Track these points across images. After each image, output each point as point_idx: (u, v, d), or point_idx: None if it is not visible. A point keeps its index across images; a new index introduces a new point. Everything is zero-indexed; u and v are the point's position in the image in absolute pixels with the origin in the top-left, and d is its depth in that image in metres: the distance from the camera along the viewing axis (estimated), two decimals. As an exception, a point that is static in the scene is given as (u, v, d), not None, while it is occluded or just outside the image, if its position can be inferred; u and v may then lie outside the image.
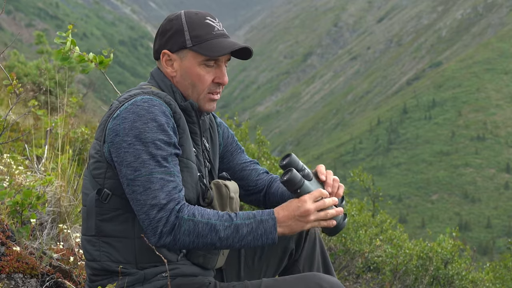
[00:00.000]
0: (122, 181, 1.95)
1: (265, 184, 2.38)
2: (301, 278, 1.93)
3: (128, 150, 1.92)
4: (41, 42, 14.12)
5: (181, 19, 2.08)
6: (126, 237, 2.00)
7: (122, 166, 1.93)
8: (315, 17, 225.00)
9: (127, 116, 1.94)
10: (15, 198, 2.84)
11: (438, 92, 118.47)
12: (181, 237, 1.88)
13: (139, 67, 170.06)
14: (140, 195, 1.90)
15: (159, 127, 1.93)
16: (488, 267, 7.17)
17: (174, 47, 2.08)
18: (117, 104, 2.03)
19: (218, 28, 2.08)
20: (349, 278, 6.13)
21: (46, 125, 4.18)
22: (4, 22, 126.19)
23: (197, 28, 2.06)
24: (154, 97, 1.99)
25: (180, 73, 2.09)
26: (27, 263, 2.50)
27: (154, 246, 1.91)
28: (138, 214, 1.92)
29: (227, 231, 1.89)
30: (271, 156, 7.04)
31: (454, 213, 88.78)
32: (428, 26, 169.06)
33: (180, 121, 2.03)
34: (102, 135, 2.01)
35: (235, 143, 2.39)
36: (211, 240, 1.90)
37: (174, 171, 1.93)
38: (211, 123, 2.28)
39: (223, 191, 2.10)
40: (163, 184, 1.90)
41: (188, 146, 2.05)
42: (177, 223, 1.88)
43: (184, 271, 2.04)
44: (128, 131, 1.92)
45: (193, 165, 2.06)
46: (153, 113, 1.94)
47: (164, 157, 1.92)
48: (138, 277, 2.00)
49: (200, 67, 2.07)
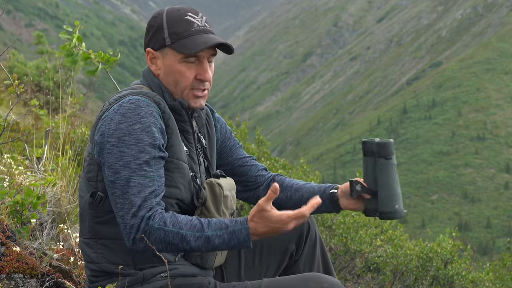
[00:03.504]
0: (105, 182, 1.95)
1: (265, 180, 2.36)
2: (302, 278, 1.92)
3: (111, 152, 1.91)
4: (41, 42, 14.12)
5: (162, 16, 2.06)
6: (122, 239, 1.99)
7: (105, 167, 1.93)
8: (315, 17, 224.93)
9: (113, 117, 1.94)
10: (15, 198, 2.84)
11: (438, 92, 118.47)
12: (154, 243, 1.88)
13: (139, 67, 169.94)
14: (118, 198, 1.90)
15: (144, 129, 1.91)
16: (488, 267, 7.17)
17: (156, 45, 2.06)
18: (107, 106, 2.02)
19: (199, 24, 2.04)
20: (349, 278, 6.13)
21: (47, 125, 4.18)
22: (4, 22, 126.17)
23: (176, 25, 2.03)
24: (142, 98, 1.97)
25: (163, 70, 2.08)
26: (27, 263, 2.50)
27: None
28: (117, 216, 1.92)
29: (197, 242, 1.87)
30: (271, 156, 7.04)
31: (454, 213, 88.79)
32: (428, 26, 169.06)
33: (170, 121, 2.01)
34: (93, 137, 2.01)
35: (232, 139, 2.37)
36: (184, 248, 1.89)
37: (154, 176, 1.92)
38: (208, 119, 2.26)
39: (216, 190, 2.08)
40: (140, 189, 1.89)
41: (178, 147, 2.03)
42: (148, 230, 1.87)
43: (183, 271, 2.04)
44: (112, 132, 1.91)
45: (184, 165, 2.04)
46: (139, 115, 1.92)
47: (146, 160, 1.91)
48: (137, 277, 2.00)
49: (180, 64, 2.04)
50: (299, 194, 2.28)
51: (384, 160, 2.11)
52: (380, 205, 2.13)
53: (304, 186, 2.29)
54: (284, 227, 1.87)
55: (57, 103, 8.34)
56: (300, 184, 2.31)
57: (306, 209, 1.89)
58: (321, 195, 2.24)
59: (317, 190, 2.25)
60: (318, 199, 1.92)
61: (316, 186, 2.28)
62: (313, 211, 2.09)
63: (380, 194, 2.13)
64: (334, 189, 2.24)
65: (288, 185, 2.32)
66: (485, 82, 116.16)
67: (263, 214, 1.86)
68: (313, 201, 1.91)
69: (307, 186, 2.29)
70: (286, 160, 7.42)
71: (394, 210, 2.12)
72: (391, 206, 2.12)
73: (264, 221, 1.86)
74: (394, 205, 2.12)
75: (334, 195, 2.23)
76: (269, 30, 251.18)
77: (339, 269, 6.06)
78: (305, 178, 6.86)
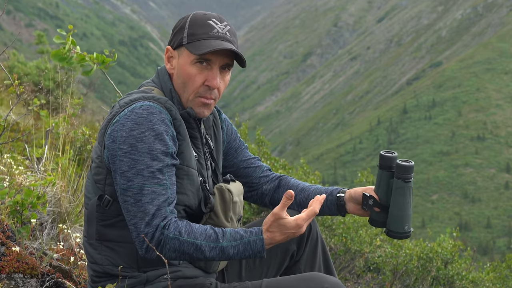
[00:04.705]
0: (116, 188, 1.94)
1: (269, 180, 2.35)
2: (303, 278, 1.92)
3: (123, 159, 1.90)
4: (41, 42, 14.12)
5: (188, 17, 2.07)
6: (127, 242, 1.99)
7: (116, 174, 1.92)
8: (315, 17, 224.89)
9: (125, 123, 1.92)
10: (16, 198, 2.84)
11: (438, 92, 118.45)
12: (167, 253, 1.88)
13: (139, 67, 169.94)
14: (131, 206, 1.89)
15: (156, 137, 1.91)
16: (489, 267, 7.17)
17: (175, 43, 2.07)
18: (117, 108, 2.00)
19: (218, 30, 2.03)
20: (350, 278, 6.12)
21: (47, 125, 4.18)
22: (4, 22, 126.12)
23: (196, 27, 2.03)
24: (154, 104, 1.96)
25: (176, 70, 2.07)
26: (27, 263, 2.50)
27: None
28: (129, 224, 1.91)
29: (212, 252, 1.88)
30: (271, 156, 7.03)
31: (454, 213, 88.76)
32: (428, 26, 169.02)
33: (180, 128, 2.00)
34: (102, 140, 2.00)
35: (238, 140, 2.36)
36: (198, 258, 1.90)
37: (167, 183, 1.91)
38: (215, 120, 2.25)
39: (226, 196, 2.08)
40: (153, 197, 1.88)
41: (189, 153, 2.02)
42: (162, 240, 1.87)
43: (186, 273, 2.04)
44: (125, 139, 1.90)
45: (194, 172, 2.04)
46: (151, 122, 1.91)
47: (159, 168, 1.90)
48: (140, 279, 2.00)
49: (192, 66, 2.03)
50: (304, 195, 2.28)
51: (402, 182, 2.10)
52: (390, 224, 2.14)
53: (310, 187, 2.30)
54: (299, 231, 1.90)
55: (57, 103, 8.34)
56: (305, 185, 2.32)
57: (315, 205, 1.92)
58: (328, 197, 2.24)
59: (324, 191, 2.26)
60: (323, 195, 1.96)
61: (323, 188, 2.29)
62: (319, 213, 2.13)
63: (392, 213, 2.13)
64: (342, 193, 2.24)
65: (294, 185, 2.32)
66: (485, 82, 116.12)
67: (279, 222, 1.89)
68: (319, 197, 1.95)
69: (313, 188, 2.29)
70: (286, 160, 7.41)
71: (403, 231, 2.14)
72: (401, 227, 2.13)
73: (281, 228, 1.89)
74: (404, 226, 2.13)
75: (341, 198, 2.23)
76: (269, 30, 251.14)
77: (339, 269, 6.06)
78: (305, 178, 6.86)
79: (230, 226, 2.08)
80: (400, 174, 2.10)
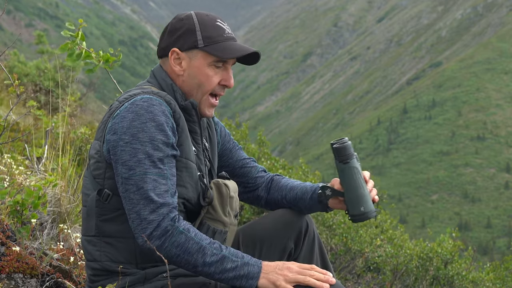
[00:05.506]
0: (117, 179, 1.95)
1: (264, 181, 2.38)
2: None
3: (124, 149, 1.92)
4: (41, 42, 14.12)
5: (192, 19, 2.09)
6: (126, 237, 1.99)
7: (118, 164, 1.93)
8: (315, 17, 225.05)
9: (126, 115, 1.94)
10: (16, 198, 2.84)
11: (438, 92, 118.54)
12: (169, 246, 1.87)
13: (139, 67, 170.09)
14: (133, 194, 1.90)
15: (157, 127, 1.93)
16: (489, 267, 7.17)
17: (185, 46, 2.09)
18: (117, 104, 2.03)
19: (228, 32, 2.11)
20: (350, 278, 6.13)
21: (46, 125, 4.18)
22: (4, 22, 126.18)
23: (209, 29, 2.08)
24: (154, 97, 1.99)
25: (188, 72, 2.10)
26: (27, 263, 2.50)
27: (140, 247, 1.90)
28: (129, 213, 1.91)
29: (213, 257, 1.88)
30: (271, 156, 7.04)
31: (454, 213, 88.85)
32: (428, 26, 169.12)
33: (180, 121, 2.03)
34: (102, 135, 2.02)
35: (232, 141, 2.40)
36: (195, 261, 1.88)
37: (167, 174, 1.93)
38: (209, 122, 2.29)
39: (223, 191, 2.09)
40: (155, 185, 1.89)
41: (188, 146, 2.05)
42: (170, 231, 1.87)
43: (185, 272, 2.04)
44: (126, 130, 1.92)
45: (192, 164, 2.06)
46: (152, 113, 1.94)
47: (160, 158, 1.92)
48: (139, 277, 2.00)
49: (209, 67, 2.08)
50: (293, 193, 2.32)
51: (342, 164, 2.11)
52: (348, 208, 2.14)
53: (298, 185, 2.33)
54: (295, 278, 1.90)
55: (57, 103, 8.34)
56: (295, 183, 2.35)
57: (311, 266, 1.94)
58: (312, 194, 2.27)
59: (309, 189, 2.28)
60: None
61: (309, 185, 2.31)
62: (308, 211, 2.24)
63: (346, 198, 2.14)
64: None
65: (284, 184, 2.36)
66: (485, 82, 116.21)
67: (279, 266, 1.93)
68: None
69: (301, 185, 2.32)
70: (286, 160, 7.42)
71: (361, 212, 2.12)
72: (357, 209, 2.12)
73: (276, 268, 1.92)
74: (359, 208, 2.12)
75: (321, 195, 2.25)
76: (269, 30, 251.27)
77: (340, 269, 6.06)
78: (305, 178, 6.86)
79: (228, 221, 2.09)
80: (338, 156, 2.11)
